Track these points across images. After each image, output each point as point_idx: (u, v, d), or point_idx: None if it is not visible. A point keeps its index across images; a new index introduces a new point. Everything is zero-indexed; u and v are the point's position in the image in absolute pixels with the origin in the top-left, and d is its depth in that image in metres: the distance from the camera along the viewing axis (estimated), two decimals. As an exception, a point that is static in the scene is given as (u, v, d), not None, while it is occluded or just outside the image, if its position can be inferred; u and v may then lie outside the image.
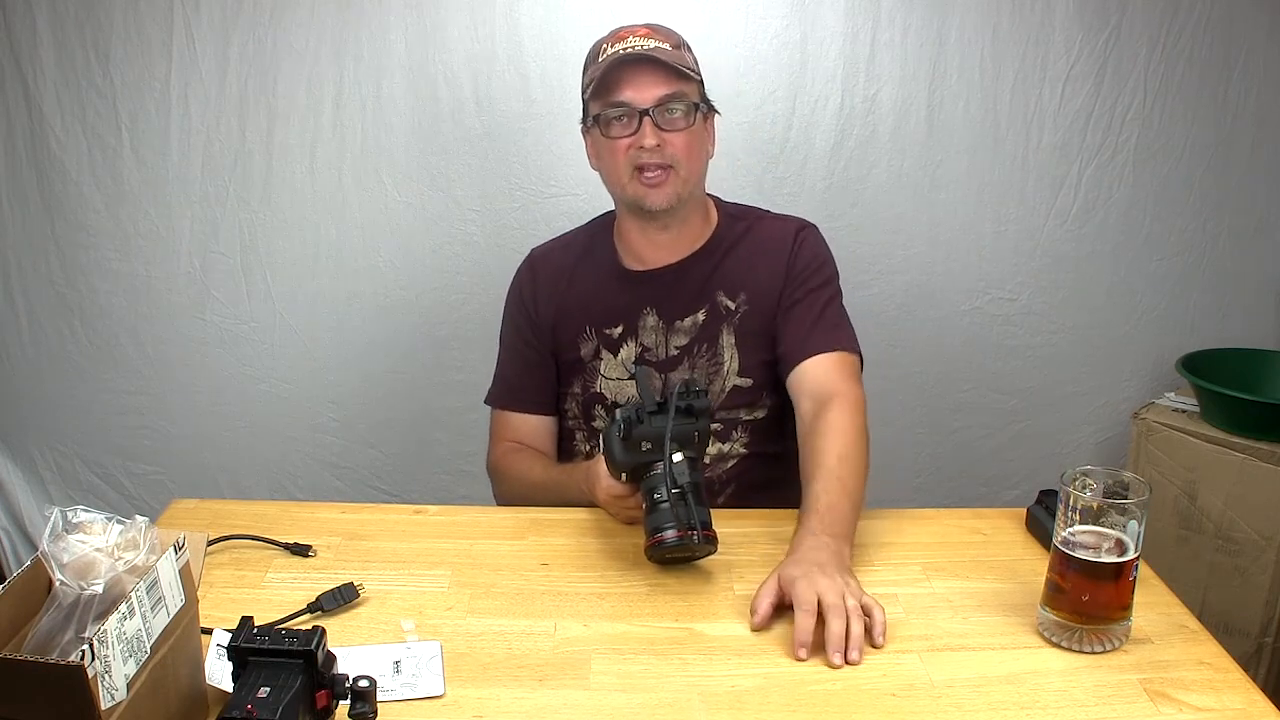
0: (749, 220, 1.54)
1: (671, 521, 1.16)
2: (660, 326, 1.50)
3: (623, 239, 1.52)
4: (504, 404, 1.59)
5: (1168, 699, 1.01)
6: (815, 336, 1.43)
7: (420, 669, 1.04)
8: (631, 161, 1.39)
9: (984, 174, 2.24)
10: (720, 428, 1.51)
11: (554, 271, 1.56)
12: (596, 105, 1.42)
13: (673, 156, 1.39)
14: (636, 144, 1.38)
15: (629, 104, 1.38)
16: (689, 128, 1.39)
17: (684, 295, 1.50)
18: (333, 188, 2.23)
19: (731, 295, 1.49)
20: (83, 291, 2.30)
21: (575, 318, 1.52)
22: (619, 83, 1.38)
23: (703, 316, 1.49)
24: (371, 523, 1.36)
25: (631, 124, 1.38)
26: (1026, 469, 2.41)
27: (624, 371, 1.51)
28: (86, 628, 0.83)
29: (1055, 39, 2.17)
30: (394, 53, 2.15)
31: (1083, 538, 1.08)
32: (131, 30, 2.13)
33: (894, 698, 1.01)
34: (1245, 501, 2.02)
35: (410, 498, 2.36)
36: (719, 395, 1.50)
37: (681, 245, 1.50)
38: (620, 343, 1.51)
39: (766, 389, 1.51)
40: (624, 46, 1.38)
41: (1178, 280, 2.34)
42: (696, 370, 1.49)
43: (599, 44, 1.44)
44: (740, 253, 1.50)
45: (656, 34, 1.41)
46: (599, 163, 1.48)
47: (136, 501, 2.41)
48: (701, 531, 1.16)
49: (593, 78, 1.40)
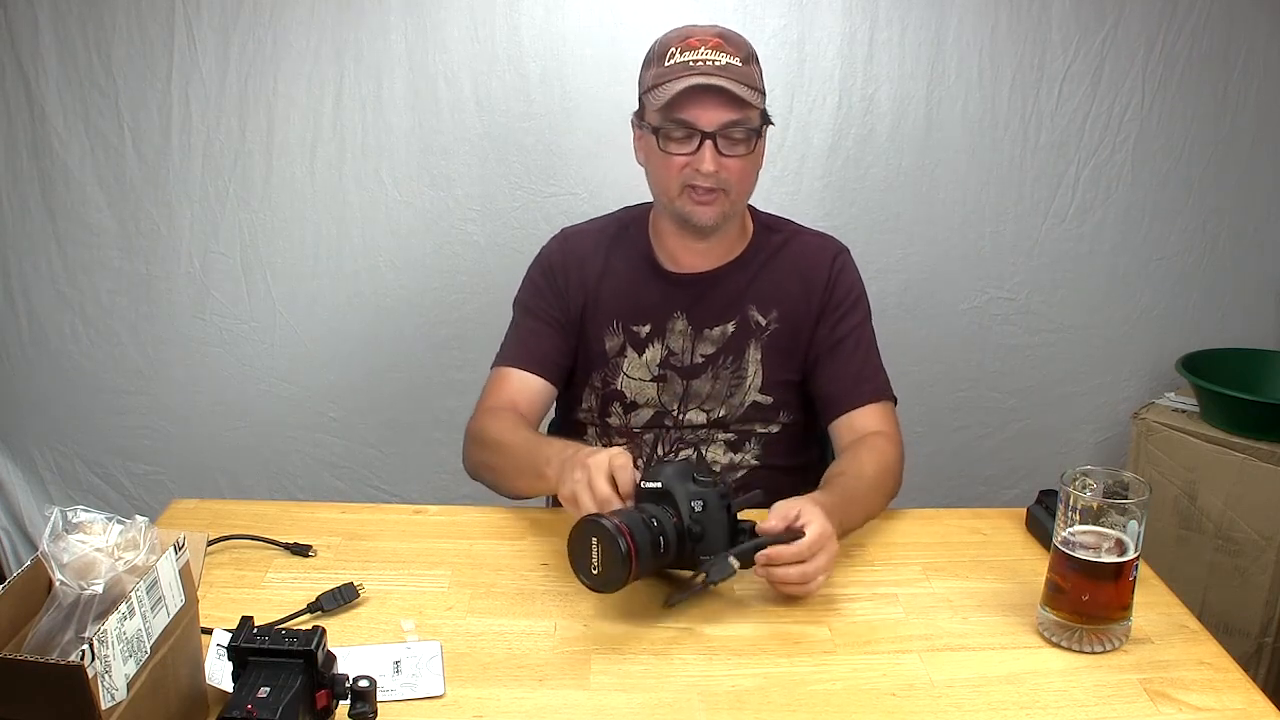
0: (785, 233, 1.52)
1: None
2: (689, 332, 1.48)
3: (659, 239, 1.50)
4: (508, 361, 1.50)
5: (1168, 699, 1.01)
6: (862, 386, 1.46)
7: (420, 669, 1.04)
8: (684, 179, 1.35)
9: (982, 174, 2.25)
10: (734, 438, 1.50)
11: (588, 253, 1.51)
12: (657, 116, 1.34)
13: (727, 181, 1.35)
14: (693, 165, 1.34)
15: (692, 125, 1.32)
16: (748, 154, 1.36)
17: (716, 304, 1.48)
18: (333, 188, 2.23)
19: (764, 311, 1.48)
20: (83, 290, 2.30)
21: (605, 308, 1.50)
22: (685, 101, 1.32)
23: (732, 328, 1.48)
24: (371, 523, 1.36)
25: (691, 144, 1.33)
26: (1026, 469, 2.41)
27: (647, 372, 1.49)
28: (86, 628, 0.83)
29: (1053, 38, 2.17)
30: (394, 52, 2.15)
31: (1083, 538, 1.08)
32: (133, 30, 2.14)
33: (894, 698, 1.01)
34: (1245, 501, 2.02)
35: (410, 498, 2.36)
36: (737, 409, 1.49)
37: (717, 253, 1.48)
38: (647, 343, 1.49)
39: (784, 407, 1.50)
40: (694, 58, 1.32)
41: (1178, 280, 2.34)
42: (719, 381, 1.48)
43: (666, 44, 1.36)
44: (775, 268, 1.49)
45: (728, 45, 1.34)
46: (647, 164, 1.43)
47: (136, 501, 2.41)
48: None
49: (657, 82, 1.34)
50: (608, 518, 1.09)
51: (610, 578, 1.08)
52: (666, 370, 1.49)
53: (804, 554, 1.11)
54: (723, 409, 1.49)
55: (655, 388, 1.50)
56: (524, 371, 1.48)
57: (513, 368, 1.49)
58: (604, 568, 1.08)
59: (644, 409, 1.51)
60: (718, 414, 1.50)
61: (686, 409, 1.50)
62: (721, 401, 1.49)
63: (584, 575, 1.10)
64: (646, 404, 1.50)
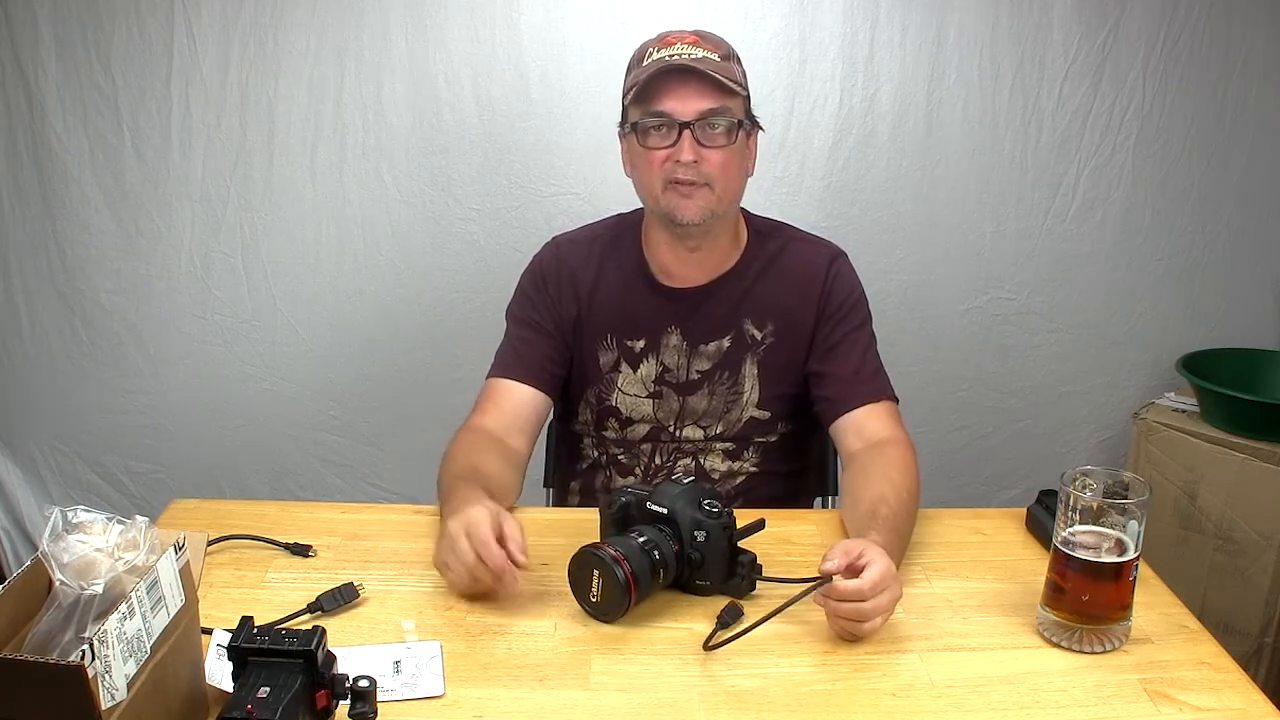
0: (780, 240, 1.49)
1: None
2: (684, 348, 1.46)
3: (651, 250, 1.47)
4: (501, 372, 1.47)
5: (1168, 699, 1.01)
6: (861, 386, 1.43)
7: (420, 669, 1.04)
8: (666, 175, 1.34)
9: (983, 173, 2.25)
10: (732, 447, 1.50)
11: (580, 264, 1.49)
12: (636, 112, 1.35)
13: (708, 174, 1.33)
14: (673, 157, 1.32)
15: (669, 115, 1.32)
16: (729, 145, 1.34)
17: (710, 319, 1.46)
18: (333, 188, 2.23)
19: (759, 325, 1.46)
20: (84, 290, 2.30)
21: (597, 321, 1.48)
22: (661, 92, 1.32)
23: (728, 343, 1.46)
24: (371, 523, 1.36)
25: (670, 136, 1.32)
26: (1026, 469, 2.41)
27: (643, 388, 1.48)
28: (86, 628, 0.83)
29: (1054, 38, 2.17)
30: (394, 53, 2.16)
31: (1083, 538, 1.08)
32: (133, 30, 2.14)
33: (894, 698, 1.01)
34: (1245, 501, 2.02)
35: (411, 497, 2.36)
36: (735, 424, 1.48)
37: (710, 265, 1.45)
38: (641, 358, 1.48)
39: (783, 419, 1.49)
40: (670, 53, 1.32)
41: (1178, 280, 2.34)
42: (715, 397, 1.47)
43: (644, 47, 1.37)
44: (770, 278, 1.47)
45: (705, 42, 1.34)
46: (633, 171, 1.42)
47: (136, 501, 2.41)
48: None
49: (635, 82, 1.34)
50: (605, 548, 1.12)
51: (609, 607, 1.12)
52: (662, 387, 1.48)
53: (865, 593, 1.07)
54: (720, 425, 1.48)
55: (651, 404, 1.48)
56: (517, 383, 1.45)
57: (505, 379, 1.46)
58: (603, 597, 1.12)
59: (640, 424, 1.49)
60: (715, 430, 1.48)
61: (683, 425, 1.49)
62: (718, 418, 1.48)
63: (585, 603, 1.14)
64: (642, 419, 1.49)
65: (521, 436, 1.44)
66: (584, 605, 1.14)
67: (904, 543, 1.24)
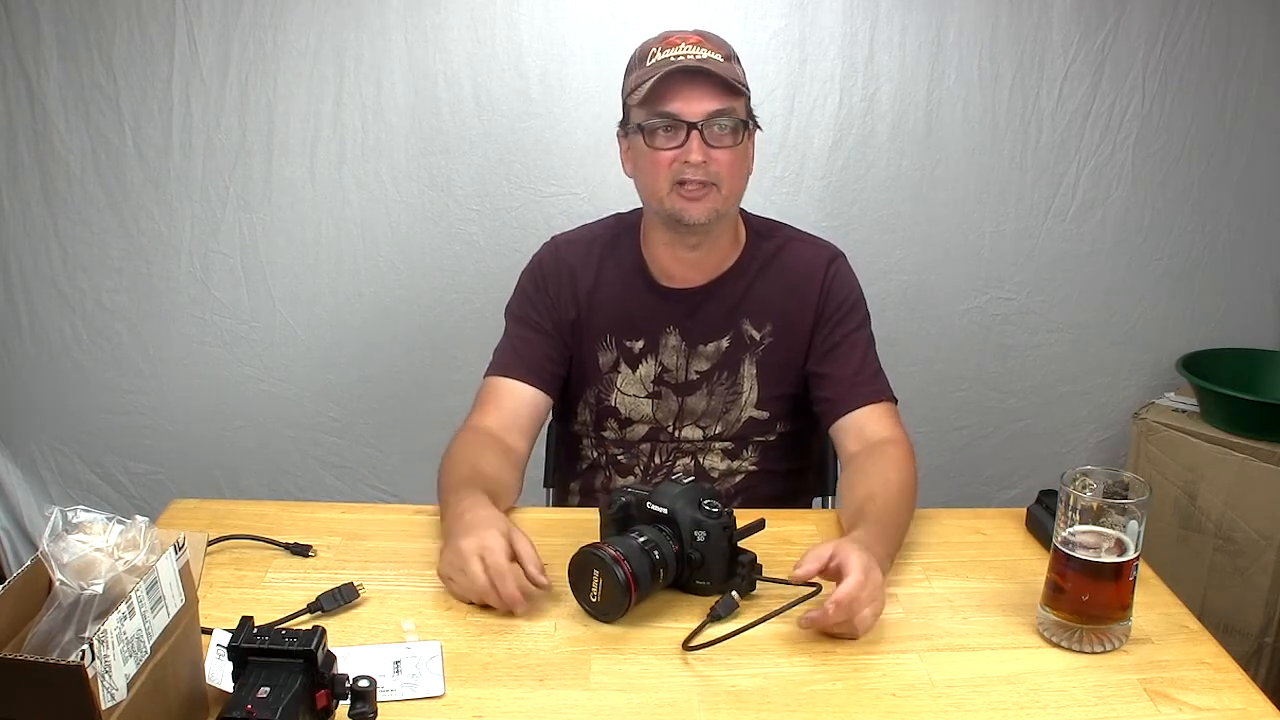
0: (778, 240, 1.49)
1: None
2: (682, 348, 1.46)
3: (650, 250, 1.47)
4: (500, 370, 1.47)
5: (1168, 699, 1.01)
6: (860, 387, 1.43)
7: (420, 669, 1.04)
8: (674, 175, 1.33)
9: (982, 173, 2.25)
10: (731, 446, 1.50)
11: (579, 264, 1.49)
12: (641, 113, 1.34)
13: (716, 174, 1.33)
14: (681, 158, 1.32)
15: (677, 116, 1.31)
16: (735, 145, 1.34)
17: (709, 320, 1.46)
18: (333, 188, 2.23)
19: (758, 325, 1.46)
20: (84, 290, 2.30)
21: (596, 321, 1.48)
22: (668, 93, 1.31)
23: (726, 344, 1.46)
24: (371, 523, 1.36)
25: (677, 137, 1.32)
26: (1026, 469, 2.41)
27: (642, 389, 1.48)
28: (86, 628, 0.83)
29: (1053, 38, 2.17)
30: (394, 53, 2.16)
31: (1083, 538, 1.08)
32: (134, 30, 2.14)
33: (894, 698, 1.01)
34: (1245, 501, 2.02)
35: (410, 498, 2.36)
36: (734, 424, 1.48)
37: (709, 265, 1.45)
38: (640, 359, 1.48)
39: (782, 419, 1.49)
40: (676, 54, 1.32)
41: (1178, 280, 2.34)
42: (714, 398, 1.47)
43: (646, 47, 1.36)
44: (769, 278, 1.46)
45: (708, 43, 1.34)
46: (635, 171, 1.41)
47: (136, 501, 2.41)
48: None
49: (639, 82, 1.33)
50: (605, 549, 1.12)
51: (609, 607, 1.12)
52: (661, 387, 1.48)
53: (848, 597, 1.06)
54: (719, 425, 1.48)
55: (650, 404, 1.48)
56: (516, 381, 1.45)
57: (504, 377, 1.46)
58: (604, 597, 1.12)
59: (639, 424, 1.50)
60: (714, 430, 1.49)
61: (682, 425, 1.49)
62: (718, 418, 1.48)
63: (585, 603, 1.14)
64: (641, 420, 1.49)
65: (521, 436, 1.44)
66: (584, 605, 1.14)
67: (894, 534, 1.24)
